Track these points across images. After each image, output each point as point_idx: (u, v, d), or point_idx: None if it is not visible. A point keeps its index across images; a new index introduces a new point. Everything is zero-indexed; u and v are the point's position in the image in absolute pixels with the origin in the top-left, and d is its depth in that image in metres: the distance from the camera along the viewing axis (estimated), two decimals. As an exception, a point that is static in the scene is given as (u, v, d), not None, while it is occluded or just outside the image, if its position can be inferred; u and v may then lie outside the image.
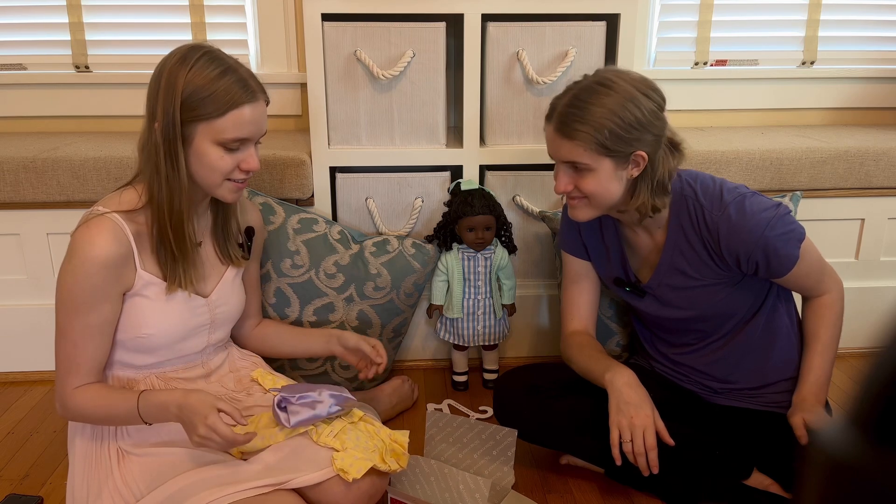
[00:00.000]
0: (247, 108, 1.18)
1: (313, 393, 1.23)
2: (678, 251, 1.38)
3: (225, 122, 1.16)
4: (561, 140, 1.28)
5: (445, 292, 1.84)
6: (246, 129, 1.19)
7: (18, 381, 1.93)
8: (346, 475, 1.16)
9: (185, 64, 1.15)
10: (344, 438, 1.21)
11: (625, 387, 1.33)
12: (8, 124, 2.18)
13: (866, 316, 2.05)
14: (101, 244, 1.15)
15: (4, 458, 1.60)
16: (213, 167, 1.19)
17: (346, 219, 1.88)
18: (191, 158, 1.19)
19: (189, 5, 2.11)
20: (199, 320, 1.29)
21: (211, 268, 1.33)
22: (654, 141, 1.28)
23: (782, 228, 1.29)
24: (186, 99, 1.14)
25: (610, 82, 1.25)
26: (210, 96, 1.15)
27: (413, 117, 1.82)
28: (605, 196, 1.30)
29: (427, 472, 1.34)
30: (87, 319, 1.17)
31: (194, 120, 1.15)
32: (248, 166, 1.22)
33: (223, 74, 1.16)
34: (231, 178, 1.22)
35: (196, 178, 1.21)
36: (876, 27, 2.27)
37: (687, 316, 1.44)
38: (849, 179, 1.94)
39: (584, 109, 1.24)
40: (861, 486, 0.31)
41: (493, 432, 1.42)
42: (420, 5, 1.75)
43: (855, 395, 0.33)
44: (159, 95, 1.16)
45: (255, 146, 1.24)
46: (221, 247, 1.34)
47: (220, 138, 1.17)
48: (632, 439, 1.30)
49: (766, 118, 2.31)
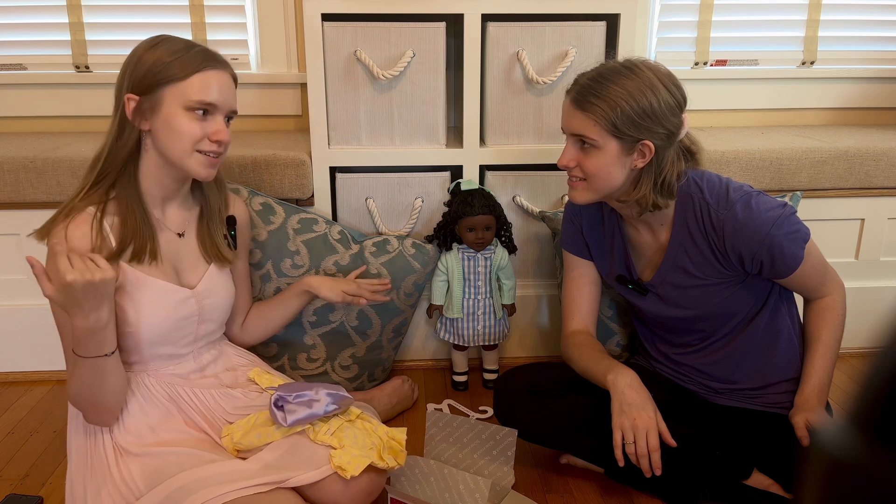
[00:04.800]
0: (212, 73, 1.22)
1: (310, 392, 1.23)
2: (682, 249, 1.38)
3: (191, 84, 1.20)
4: (574, 111, 1.29)
5: (445, 292, 1.84)
6: (213, 94, 1.22)
7: (18, 381, 1.93)
8: (345, 473, 1.16)
9: (150, 45, 1.22)
10: (341, 436, 1.21)
11: (627, 388, 1.33)
12: (8, 124, 2.18)
13: (866, 316, 2.05)
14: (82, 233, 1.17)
15: (4, 458, 1.60)
16: (181, 132, 1.21)
17: (346, 219, 1.88)
18: (160, 128, 1.21)
19: (189, 5, 2.11)
20: (185, 311, 1.29)
21: (195, 260, 1.33)
22: (666, 136, 1.28)
23: (788, 228, 1.29)
24: (152, 67, 1.20)
25: (636, 67, 1.27)
26: (176, 60, 1.20)
27: (413, 117, 1.82)
28: (606, 180, 1.30)
29: (427, 472, 1.34)
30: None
31: (160, 84, 1.19)
32: (219, 137, 1.23)
33: (189, 47, 1.22)
34: (201, 149, 1.23)
35: (166, 151, 1.23)
36: (876, 27, 2.27)
37: (688, 315, 1.44)
38: (849, 179, 1.94)
39: (604, 86, 1.26)
40: (861, 486, 0.31)
41: (494, 432, 1.42)
42: (420, 5, 1.75)
43: (855, 395, 0.33)
44: (126, 73, 1.22)
45: (225, 121, 1.26)
46: (205, 242, 1.34)
47: (187, 101, 1.20)
48: (634, 441, 1.30)
49: (766, 118, 2.31)
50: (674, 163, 1.30)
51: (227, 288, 1.39)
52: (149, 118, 1.21)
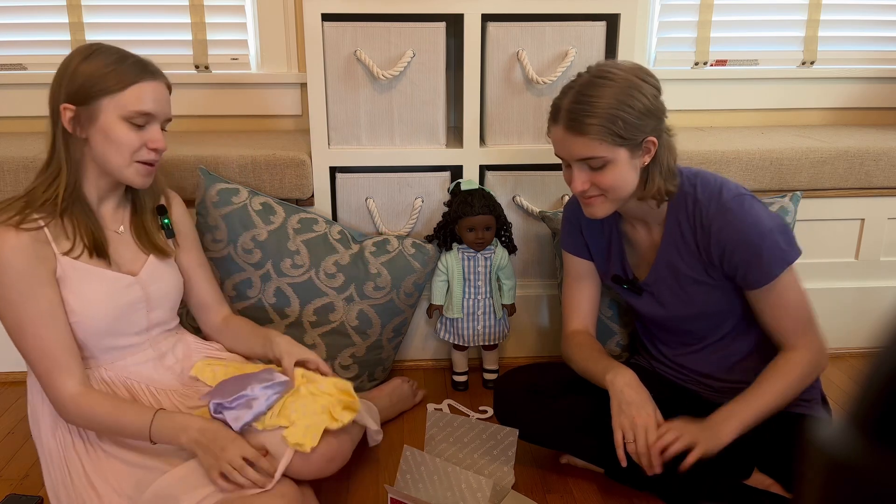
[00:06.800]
0: (147, 84, 1.24)
1: (245, 391, 1.23)
2: (674, 248, 1.38)
3: (128, 96, 1.22)
4: (573, 138, 1.26)
5: (445, 292, 1.84)
6: (149, 104, 1.23)
7: (19, 381, 1.93)
8: (303, 447, 1.17)
9: (84, 56, 1.23)
10: (288, 413, 1.21)
11: (626, 387, 1.33)
12: (8, 124, 2.18)
13: (866, 316, 2.05)
14: (10, 233, 1.18)
15: (4, 458, 1.60)
16: (120, 143, 1.22)
17: (346, 219, 1.88)
18: (98, 139, 1.22)
19: (189, 5, 2.11)
20: (129, 298, 1.29)
21: (134, 254, 1.34)
22: (659, 125, 1.29)
23: (775, 239, 1.28)
24: (88, 79, 1.21)
25: (609, 73, 1.26)
26: (111, 72, 1.21)
27: (413, 117, 1.82)
28: (624, 187, 1.30)
29: (431, 471, 1.34)
30: (34, 306, 1.18)
31: (98, 95, 1.21)
32: (156, 145, 1.26)
33: (122, 59, 1.24)
34: (139, 158, 1.25)
35: (104, 162, 1.24)
36: (876, 27, 2.27)
37: (683, 315, 1.44)
38: (849, 179, 1.94)
39: (591, 104, 1.24)
40: (861, 486, 0.31)
41: (494, 432, 1.42)
42: (420, 5, 1.75)
43: (855, 395, 0.33)
44: (63, 82, 1.22)
45: (160, 129, 1.28)
46: (141, 236, 1.35)
47: (124, 112, 1.22)
48: (635, 439, 1.30)
49: (766, 118, 2.31)
50: (669, 144, 1.32)
51: (173, 276, 1.39)
52: (86, 128, 1.22)
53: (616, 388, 1.34)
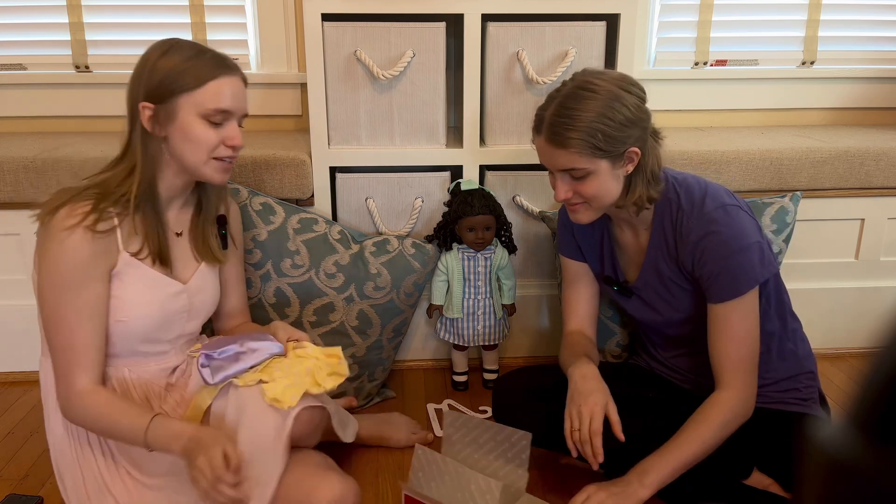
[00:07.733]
0: (225, 80, 1.23)
1: (235, 345, 1.21)
2: (660, 252, 1.39)
3: (205, 93, 1.21)
4: (554, 150, 1.27)
5: (445, 292, 1.84)
6: (227, 101, 1.23)
7: (18, 381, 1.93)
8: (280, 404, 1.15)
9: (162, 52, 1.22)
10: (271, 370, 1.20)
11: (580, 378, 1.34)
12: (8, 124, 2.18)
13: (866, 316, 2.05)
14: (80, 230, 1.16)
15: (4, 458, 1.60)
16: (198, 141, 1.22)
17: (346, 219, 1.88)
18: (176, 137, 1.22)
19: (189, 5, 2.11)
20: (176, 306, 1.29)
21: (187, 259, 1.34)
22: (643, 134, 1.28)
23: (750, 256, 1.28)
24: (166, 76, 1.19)
25: (592, 85, 1.25)
26: (188, 69, 1.20)
27: (413, 117, 1.82)
28: (605, 196, 1.31)
29: (443, 470, 1.34)
30: (79, 299, 1.17)
31: (175, 93, 1.20)
32: (234, 142, 1.25)
33: (199, 54, 1.23)
34: (216, 155, 1.24)
35: (182, 159, 1.23)
36: (876, 27, 2.27)
37: (672, 319, 1.44)
38: (849, 179, 1.94)
39: (573, 117, 1.23)
40: (861, 486, 0.31)
41: (508, 434, 1.42)
42: (420, 5, 1.75)
43: (855, 395, 0.33)
44: (141, 80, 1.21)
45: (238, 125, 1.27)
46: (198, 242, 1.35)
47: (202, 109, 1.21)
48: (580, 427, 1.30)
49: (766, 118, 2.31)
50: (653, 150, 1.32)
51: (215, 287, 1.40)
52: (165, 126, 1.22)
53: (572, 379, 1.35)
